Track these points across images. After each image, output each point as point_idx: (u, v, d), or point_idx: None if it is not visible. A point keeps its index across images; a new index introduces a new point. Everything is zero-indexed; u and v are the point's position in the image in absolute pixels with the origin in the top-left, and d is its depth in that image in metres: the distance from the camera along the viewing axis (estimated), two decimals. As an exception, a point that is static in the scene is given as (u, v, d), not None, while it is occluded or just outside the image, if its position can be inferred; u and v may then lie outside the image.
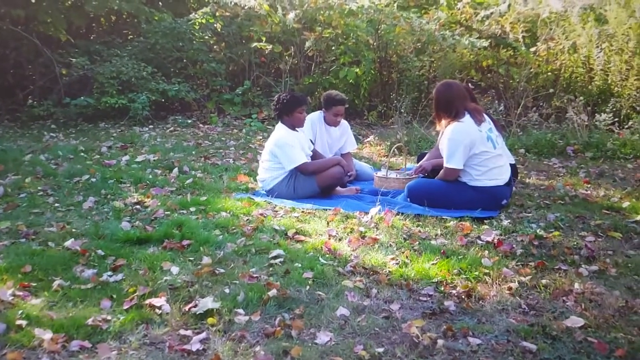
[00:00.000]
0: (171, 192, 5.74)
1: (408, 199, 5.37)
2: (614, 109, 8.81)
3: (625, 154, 7.62)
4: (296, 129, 5.95)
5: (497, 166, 5.23)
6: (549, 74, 10.35)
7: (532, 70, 10.28)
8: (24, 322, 2.94)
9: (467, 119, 5.21)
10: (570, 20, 10.29)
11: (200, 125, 10.49)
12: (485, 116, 5.42)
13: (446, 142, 5.20)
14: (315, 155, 6.11)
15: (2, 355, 2.68)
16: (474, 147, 5.13)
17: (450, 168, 5.21)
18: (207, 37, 12.11)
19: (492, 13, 11.14)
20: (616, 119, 8.72)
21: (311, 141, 6.38)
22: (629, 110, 9.15)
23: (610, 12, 9.85)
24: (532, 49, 10.55)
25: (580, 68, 10.07)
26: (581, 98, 9.03)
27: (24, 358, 2.67)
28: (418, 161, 6.19)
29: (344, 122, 6.89)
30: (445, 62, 10.68)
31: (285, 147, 5.72)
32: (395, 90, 10.92)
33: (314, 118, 6.74)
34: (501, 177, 5.23)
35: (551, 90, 10.06)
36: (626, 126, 8.57)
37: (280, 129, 5.89)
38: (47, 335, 2.81)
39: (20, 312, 3.06)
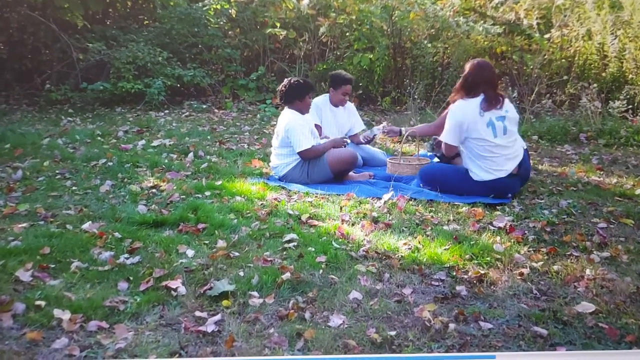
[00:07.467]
0: (187, 177, 5.76)
1: (421, 184, 5.40)
2: (628, 96, 8.78)
3: (639, 141, 7.59)
4: (304, 113, 5.94)
5: (495, 155, 5.09)
6: (563, 60, 10.26)
7: (546, 57, 10.21)
8: (42, 303, 2.97)
9: (473, 100, 5.12)
10: (584, 6, 10.22)
11: (215, 110, 10.51)
12: (506, 103, 5.22)
13: (447, 117, 5.26)
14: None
15: (22, 334, 2.72)
16: (467, 130, 5.09)
17: (445, 142, 5.31)
18: (222, 23, 12.08)
19: (506, 0, 11.09)
20: (630, 106, 8.68)
21: (319, 126, 6.44)
22: (643, 98, 9.11)
23: (626, -2, 9.79)
24: (547, 36, 10.47)
25: (594, 55, 9.98)
26: (595, 85, 9.02)
27: (43, 337, 2.71)
28: (432, 147, 6.21)
29: (349, 104, 6.91)
30: (459, 49, 10.62)
31: (296, 130, 5.69)
32: (408, 77, 10.88)
33: (319, 102, 6.73)
34: (503, 168, 5.10)
35: (565, 77, 9.99)
36: (640, 113, 8.55)
37: (289, 113, 5.84)
38: (66, 315, 2.85)
39: (39, 292, 3.10)
